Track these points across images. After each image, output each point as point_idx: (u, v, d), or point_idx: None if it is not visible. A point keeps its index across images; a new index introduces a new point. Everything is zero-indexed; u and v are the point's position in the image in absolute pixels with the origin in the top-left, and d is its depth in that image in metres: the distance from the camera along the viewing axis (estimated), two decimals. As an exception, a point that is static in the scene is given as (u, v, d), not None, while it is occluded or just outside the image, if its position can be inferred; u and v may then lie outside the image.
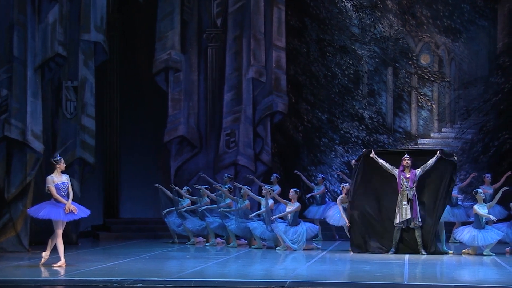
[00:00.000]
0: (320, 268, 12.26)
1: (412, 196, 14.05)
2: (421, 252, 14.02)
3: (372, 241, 14.42)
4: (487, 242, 14.07)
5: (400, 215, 14.05)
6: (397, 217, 14.08)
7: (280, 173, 18.77)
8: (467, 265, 12.78)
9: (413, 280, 10.68)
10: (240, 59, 19.79)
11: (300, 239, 14.96)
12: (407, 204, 14.00)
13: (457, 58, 20.60)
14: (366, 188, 14.56)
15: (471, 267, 12.60)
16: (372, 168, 14.53)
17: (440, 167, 14.36)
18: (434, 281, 10.45)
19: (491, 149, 20.07)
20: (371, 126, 20.59)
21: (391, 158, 14.56)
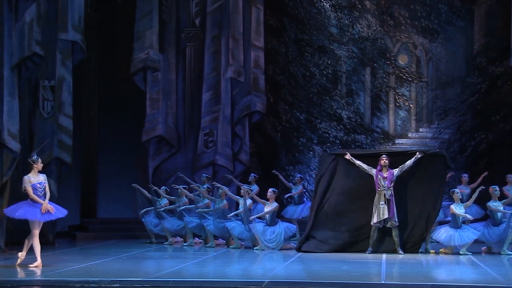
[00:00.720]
0: (298, 267, 12.28)
1: (389, 196, 14.10)
2: (398, 252, 14.07)
3: (339, 240, 14.42)
4: (463, 241, 14.16)
5: (377, 214, 14.10)
6: (374, 216, 14.13)
7: (258, 172, 18.77)
8: (444, 264, 12.85)
9: (390, 280, 10.72)
10: (218, 59, 19.77)
11: (278, 239, 14.97)
12: (385, 204, 14.04)
13: (435, 59, 20.71)
14: (335, 187, 14.58)
15: (447, 266, 12.67)
16: (343, 169, 14.55)
17: (430, 167, 14.41)
18: (411, 280, 10.49)
19: (468, 149, 20.20)
20: (349, 126, 20.64)
21: (367, 160, 14.59)
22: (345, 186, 14.59)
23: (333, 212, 14.57)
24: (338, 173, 14.63)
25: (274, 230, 15.05)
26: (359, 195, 14.48)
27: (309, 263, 12.93)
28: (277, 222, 15.21)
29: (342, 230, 14.52)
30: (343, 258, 13.24)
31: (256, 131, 20.16)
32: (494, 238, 14.42)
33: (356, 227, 14.45)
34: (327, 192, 14.64)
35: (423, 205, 14.37)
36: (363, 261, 13.06)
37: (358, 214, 14.47)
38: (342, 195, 14.58)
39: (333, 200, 14.59)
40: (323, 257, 13.48)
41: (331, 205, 14.60)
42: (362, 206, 14.41)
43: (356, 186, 14.52)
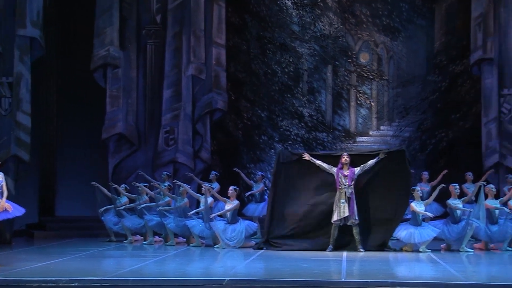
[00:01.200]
0: (258, 265, 12.28)
1: (350, 194, 14.16)
2: (359, 249, 14.14)
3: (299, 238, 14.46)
4: (423, 239, 14.29)
5: (338, 213, 14.15)
6: (334, 214, 14.18)
7: (219, 170, 18.75)
8: (404, 262, 12.95)
9: (351, 277, 10.77)
10: (179, 56, 19.70)
11: (239, 237, 14.97)
12: (345, 202, 14.10)
13: (396, 57, 20.85)
14: (292, 187, 14.61)
15: (407, 263, 12.77)
16: (301, 167, 14.58)
17: (393, 165, 14.49)
18: (372, 277, 10.56)
19: (429, 147, 20.38)
20: (310, 124, 20.70)
21: (328, 160, 14.63)
22: (304, 185, 14.62)
23: (293, 211, 14.58)
24: (297, 171, 14.66)
25: (235, 228, 15.05)
26: (319, 193, 14.52)
27: (269, 261, 12.94)
28: (238, 220, 15.21)
29: (302, 228, 14.55)
30: (303, 256, 13.27)
31: (217, 128, 20.12)
32: (454, 236, 14.57)
33: (317, 225, 14.49)
34: (285, 190, 14.66)
35: (387, 202, 14.44)
36: (323, 259, 13.10)
37: (318, 212, 14.51)
38: (302, 193, 14.61)
39: (292, 199, 14.61)
40: (284, 255, 13.49)
41: (289, 203, 14.61)
42: (322, 204, 14.45)
43: (316, 185, 14.56)
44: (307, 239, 14.50)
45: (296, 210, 14.62)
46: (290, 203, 14.65)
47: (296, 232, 14.53)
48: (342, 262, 12.54)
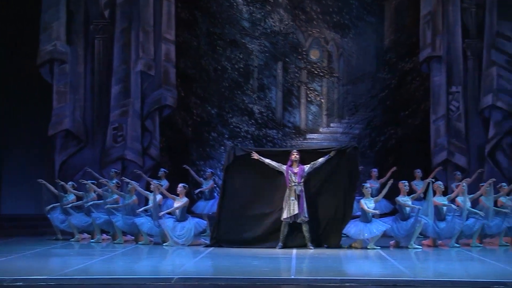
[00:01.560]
0: (207, 263, 12.26)
1: (299, 191, 14.18)
2: (309, 247, 14.20)
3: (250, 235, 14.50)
4: (372, 234, 14.41)
5: (287, 210, 14.17)
6: (284, 212, 14.20)
7: (168, 167, 18.67)
8: (353, 259, 13.03)
9: (300, 275, 10.81)
10: (128, 52, 19.58)
11: (188, 235, 14.93)
12: (295, 200, 14.13)
13: (346, 54, 20.99)
14: (242, 184, 14.63)
15: (356, 260, 12.86)
16: (251, 164, 14.60)
17: (342, 162, 14.57)
18: (321, 275, 10.61)
19: (378, 144, 20.55)
20: (260, 121, 20.73)
21: (278, 157, 14.65)
22: (255, 182, 14.62)
23: (243, 208, 14.59)
24: (247, 169, 14.66)
25: (184, 225, 15.00)
26: (270, 191, 14.54)
27: (219, 259, 12.92)
28: (187, 217, 15.15)
29: (252, 225, 14.57)
30: (253, 254, 13.28)
31: (166, 125, 20.04)
32: (402, 233, 14.70)
33: (266, 222, 14.51)
34: (235, 188, 14.66)
35: (336, 200, 14.51)
36: (273, 256, 13.12)
37: (268, 210, 14.53)
38: (252, 191, 14.61)
39: (242, 197, 14.62)
40: (233, 253, 13.49)
41: (240, 201, 14.62)
42: (272, 202, 14.48)
43: (266, 182, 14.57)
44: (257, 237, 14.50)
45: (246, 207, 14.60)
46: (240, 201, 14.63)
47: (246, 230, 14.53)
48: (292, 259, 12.57)
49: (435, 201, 14.84)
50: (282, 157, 14.60)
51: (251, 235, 14.51)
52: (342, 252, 13.86)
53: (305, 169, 14.28)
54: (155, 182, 15.70)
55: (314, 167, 14.37)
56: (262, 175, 14.61)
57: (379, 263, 12.46)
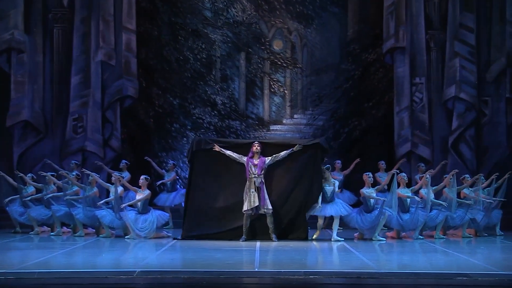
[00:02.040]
0: (170, 256, 12.23)
1: (259, 183, 14.19)
2: (272, 239, 14.23)
3: (210, 228, 14.50)
4: (334, 225, 14.54)
5: (248, 202, 14.18)
6: (245, 204, 14.21)
7: (130, 159, 18.59)
8: (317, 251, 13.09)
9: (264, 267, 10.83)
10: (88, 41, 19.43)
11: (150, 227, 14.89)
12: (255, 191, 14.14)
13: (309, 44, 21.02)
14: (205, 176, 14.62)
15: (320, 253, 12.92)
16: (214, 156, 14.60)
17: (305, 154, 14.60)
18: (285, 267, 10.65)
19: (342, 135, 20.64)
20: (223, 112, 20.70)
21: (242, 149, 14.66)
22: (217, 174, 14.63)
23: (209, 201, 14.58)
24: (210, 160, 14.65)
25: (146, 218, 14.96)
26: (232, 182, 14.55)
27: (182, 251, 12.91)
28: (149, 210, 15.12)
29: (215, 218, 14.58)
30: (216, 246, 13.29)
31: (127, 116, 19.94)
32: (367, 225, 14.81)
33: (231, 215, 14.53)
34: (198, 180, 14.65)
35: (302, 192, 14.55)
36: (237, 249, 13.15)
37: (231, 202, 14.54)
38: (215, 183, 14.61)
39: (205, 189, 14.61)
40: (197, 246, 13.48)
41: (203, 193, 14.61)
42: (234, 194, 14.49)
43: (229, 174, 14.58)
44: (221, 229, 14.51)
45: (209, 200, 14.60)
46: (203, 193, 14.63)
47: (213, 223, 14.52)
48: (256, 252, 12.60)
49: (399, 193, 14.96)
50: (246, 148, 14.61)
51: (218, 228, 14.49)
52: (306, 245, 13.91)
53: (266, 161, 14.29)
54: (116, 174, 15.64)
55: (276, 159, 14.38)
56: (226, 167, 14.63)
57: (343, 255, 12.53)
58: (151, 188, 15.67)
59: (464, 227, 15.55)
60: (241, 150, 14.60)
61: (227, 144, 14.82)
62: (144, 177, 15.23)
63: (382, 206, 14.69)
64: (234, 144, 14.98)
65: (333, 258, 12.29)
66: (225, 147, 14.61)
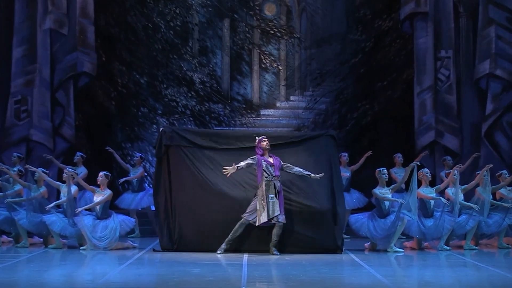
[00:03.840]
0: (137, 272, 12.23)
1: (279, 187, 14.15)
2: (273, 252, 14.19)
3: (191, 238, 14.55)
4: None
5: (266, 211, 14.01)
6: (262, 215, 13.99)
7: (86, 151, 18.59)
8: (318, 265, 13.08)
9: (253, 286, 10.84)
10: (34, 5, 19.45)
11: (112, 236, 14.90)
12: (275, 198, 14.08)
13: (309, 9, 21.03)
14: (181, 178, 14.65)
15: (322, 267, 12.90)
16: (196, 153, 14.62)
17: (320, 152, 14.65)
18: (278, 285, 10.65)
19: (349, 122, 20.66)
20: (202, 93, 20.73)
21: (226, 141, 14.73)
22: (199, 176, 14.62)
23: (195, 206, 14.58)
24: (188, 158, 14.64)
25: (106, 224, 14.98)
26: (221, 186, 14.53)
27: (151, 266, 12.92)
28: (111, 214, 15.14)
29: (193, 227, 14.59)
30: (194, 259, 13.32)
31: (84, 98, 19.96)
32: (380, 233, 14.83)
33: (212, 223, 14.52)
34: (173, 182, 14.66)
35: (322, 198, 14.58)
36: (218, 262, 13.18)
37: (216, 208, 14.53)
38: (197, 187, 14.61)
39: (183, 193, 14.63)
40: (169, 259, 13.50)
41: (190, 197, 14.62)
42: (221, 199, 14.49)
43: (216, 175, 14.56)
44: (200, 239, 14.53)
45: (199, 205, 14.59)
46: (190, 197, 14.63)
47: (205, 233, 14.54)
48: (243, 266, 12.61)
49: (420, 193, 14.97)
50: (234, 140, 14.63)
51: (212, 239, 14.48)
52: (305, 258, 13.91)
53: (281, 161, 14.24)
54: (69, 170, 15.61)
55: (286, 170, 14.29)
56: (210, 165, 14.63)
57: (351, 270, 12.54)
58: (112, 188, 15.66)
59: (501, 236, 15.58)
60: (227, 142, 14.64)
61: (207, 137, 14.78)
62: (104, 174, 15.22)
63: (399, 210, 14.72)
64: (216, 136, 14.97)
65: (339, 273, 12.30)
66: (206, 139, 14.63)
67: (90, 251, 14.71)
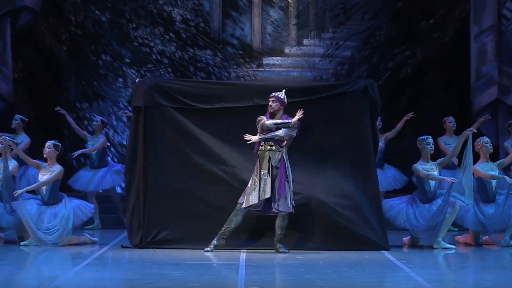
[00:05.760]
0: (96, 275, 12.26)
1: (278, 161, 14.12)
2: (279, 249, 14.24)
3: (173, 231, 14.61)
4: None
5: (258, 190, 14.08)
6: (252, 195, 14.05)
7: (28, 113, 18.59)
8: (340, 266, 13.12)
9: (253, 293, 10.91)
10: None
11: (63, 228, 14.91)
12: (268, 175, 14.09)
13: None
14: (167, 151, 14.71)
15: (346, 269, 12.94)
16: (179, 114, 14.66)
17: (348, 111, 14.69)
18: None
19: (383, 74, 20.66)
20: (185, 35, 20.74)
21: None
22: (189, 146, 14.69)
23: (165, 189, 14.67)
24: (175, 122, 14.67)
25: (56, 212, 15.03)
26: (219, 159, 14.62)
27: (116, 267, 12.97)
28: (62, 198, 15.16)
29: (176, 216, 14.66)
30: (175, 259, 13.39)
31: (24, 42, 19.98)
32: (423, 223, 14.86)
33: (202, 212, 14.58)
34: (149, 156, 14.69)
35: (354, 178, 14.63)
36: (207, 263, 13.24)
37: (209, 194, 14.62)
38: (186, 160, 14.71)
39: (162, 171, 14.72)
40: (142, 258, 13.54)
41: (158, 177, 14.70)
42: (217, 182, 14.60)
43: (212, 145, 14.63)
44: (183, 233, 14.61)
45: (181, 185, 14.69)
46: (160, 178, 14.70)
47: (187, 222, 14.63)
48: (240, 268, 12.64)
49: (477, 170, 15.01)
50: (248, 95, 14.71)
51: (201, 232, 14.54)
52: (323, 256, 13.95)
53: (293, 123, 14.17)
54: (6, 138, 15.62)
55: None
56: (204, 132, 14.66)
57: (385, 273, 12.56)
58: (64, 162, 15.66)
59: None
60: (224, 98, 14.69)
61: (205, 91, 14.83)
62: (53, 144, 15.21)
63: (448, 192, 14.74)
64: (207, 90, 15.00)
65: (367, 278, 12.32)
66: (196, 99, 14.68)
67: (34, 247, 14.76)
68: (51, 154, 15.17)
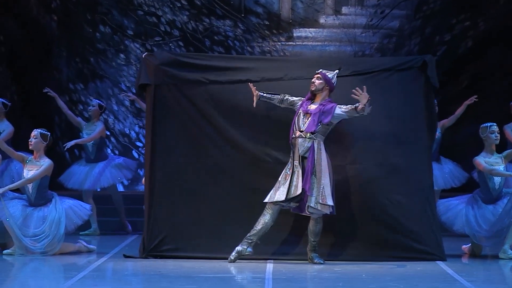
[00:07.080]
0: (94, 290, 12.38)
1: (307, 150, 14.15)
2: (314, 260, 14.31)
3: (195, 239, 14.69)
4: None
5: (288, 186, 14.14)
6: (280, 189, 14.12)
7: (10, 96, 18.70)
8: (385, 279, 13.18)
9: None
10: None
11: (52, 234, 15.00)
12: (299, 167, 14.15)
13: None
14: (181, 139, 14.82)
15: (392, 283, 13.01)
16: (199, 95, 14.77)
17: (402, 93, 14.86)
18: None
19: (438, 49, 20.70)
20: (200, 2, 20.78)
21: None
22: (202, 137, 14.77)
23: (175, 186, 14.81)
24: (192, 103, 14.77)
25: (44, 215, 15.13)
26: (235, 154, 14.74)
27: (118, 281, 13.02)
28: (51, 198, 15.24)
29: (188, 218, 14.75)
30: (188, 271, 13.45)
31: (6, 10, 20.14)
32: (486, 228, 14.91)
33: (220, 213, 14.69)
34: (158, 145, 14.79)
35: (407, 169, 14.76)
36: (227, 275, 13.32)
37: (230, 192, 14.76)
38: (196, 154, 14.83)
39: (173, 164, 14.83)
40: (148, 270, 13.64)
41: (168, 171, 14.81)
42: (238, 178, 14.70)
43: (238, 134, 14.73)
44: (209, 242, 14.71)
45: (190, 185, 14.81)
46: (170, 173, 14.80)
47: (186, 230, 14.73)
48: (266, 281, 12.70)
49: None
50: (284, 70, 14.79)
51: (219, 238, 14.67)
52: (366, 268, 14.01)
53: (335, 111, 14.18)
54: (-16, 127, 15.76)
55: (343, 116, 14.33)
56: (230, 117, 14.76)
57: (440, 287, 12.61)
58: (53, 155, 15.75)
59: None
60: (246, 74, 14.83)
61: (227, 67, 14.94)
62: (40, 133, 15.29)
63: (516, 191, 14.83)
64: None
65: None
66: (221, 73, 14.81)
67: (19, 256, 14.89)
68: (38, 145, 15.26)
